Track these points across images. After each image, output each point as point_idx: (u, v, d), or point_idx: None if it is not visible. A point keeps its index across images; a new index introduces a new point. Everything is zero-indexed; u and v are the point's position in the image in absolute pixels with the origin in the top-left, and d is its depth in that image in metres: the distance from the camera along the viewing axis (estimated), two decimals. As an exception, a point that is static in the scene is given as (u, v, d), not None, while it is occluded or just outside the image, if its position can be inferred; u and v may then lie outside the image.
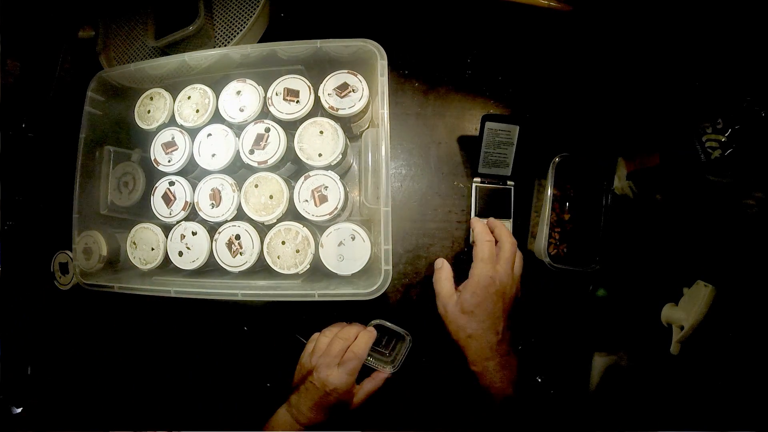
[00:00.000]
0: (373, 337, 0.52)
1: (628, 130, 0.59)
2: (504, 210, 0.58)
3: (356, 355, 0.49)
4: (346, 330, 0.52)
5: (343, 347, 0.50)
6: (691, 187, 0.52)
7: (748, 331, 0.52)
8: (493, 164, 0.57)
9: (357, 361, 0.49)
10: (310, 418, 0.49)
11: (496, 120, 0.54)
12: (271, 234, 0.47)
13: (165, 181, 0.50)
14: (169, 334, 0.63)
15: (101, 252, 0.52)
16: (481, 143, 0.55)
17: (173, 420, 0.61)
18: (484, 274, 0.48)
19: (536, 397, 0.57)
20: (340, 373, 0.48)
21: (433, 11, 0.64)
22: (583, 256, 0.56)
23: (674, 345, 0.52)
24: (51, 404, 0.64)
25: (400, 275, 0.60)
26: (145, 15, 0.61)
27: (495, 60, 0.63)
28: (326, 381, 0.48)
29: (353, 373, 0.49)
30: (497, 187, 0.59)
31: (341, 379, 0.48)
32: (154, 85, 0.54)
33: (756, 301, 0.51)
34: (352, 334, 0.51)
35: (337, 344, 0.50)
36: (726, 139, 0.46)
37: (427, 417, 0.58)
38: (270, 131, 0.48)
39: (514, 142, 0.56)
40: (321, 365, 0.49)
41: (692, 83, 0.57)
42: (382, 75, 0.45)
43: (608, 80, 0.61)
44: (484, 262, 0.49)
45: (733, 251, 0.53)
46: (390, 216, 0.43)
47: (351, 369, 0.49)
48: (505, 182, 0.59)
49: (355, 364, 0.49)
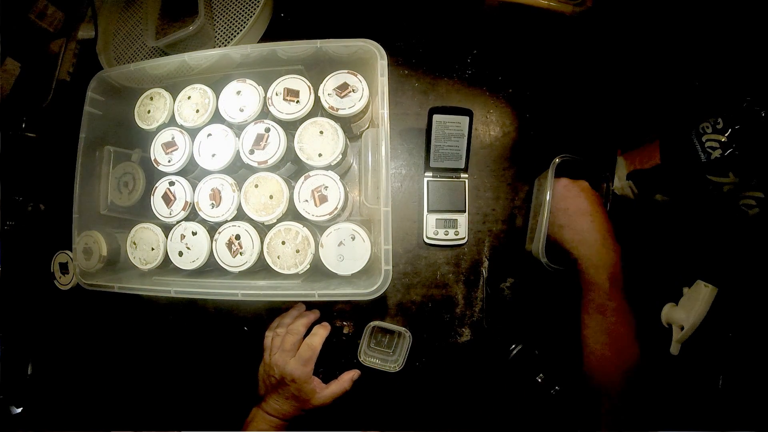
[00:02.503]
0: (327, 331, 0.55)
1: (628, 130, 0.59)
2: (458, 203, 0.58)
3: (310, 347, 0.53)
4: (296, 324, 0.54)
5: (296, 341, 0.53)
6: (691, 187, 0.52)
7: (748, 331, 0.52)
8: (445, 157, 0.57)
9: (311, 352, 0.52)
10: (276, 409, 0.52)
11: (444, 112, 0.54)
12: (271, 234, 0.47)
13: (165, 181, 0.50)
14: (169, 334, 0.63)
15: (101, 252, 0.52)
16: (430, 137, 0.55)
17: (173, 420, 0.61)
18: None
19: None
20: (296, 363, 0.51)
21: (434, 11, 0.64)
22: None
23: (674, 345, 0.52)
24: (51, 404, 0.64)
25: (400, 275, 0.60)
26: (145, 15, 0.61)
27: (495, 60, 0.63)
28: (284, 371, 0.51)
29: (308, 363, 0.52)
30: (450, 180, 0.58)
31: (296, 368, 0.51)
32: (154, 85, 0.54)
33: (756, 301, 0.51)
34: (301, 327, 0.54)
35: (289, 339, 0.53)
36: (726, 139, 0.46)
37: (427, 417, 0.59)
38: (270, 131, 0.48)
39: (465, 134, 0.55)
40: (277, 360, 0.52)
41: (692, 83, 0.57)
42: (382, 75, 0.45)
43: (608, 80, 0.61)
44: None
45: (733, 251, 0.53)
46: (390, 216, 0.43)
47: (306, 359, 0.52)
48: (458, 175, 0.59)
49: (309, 354, 0.52)
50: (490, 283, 0.59)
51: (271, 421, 0.52)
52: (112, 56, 0.66)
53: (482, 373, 0.58)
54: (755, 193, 0.49)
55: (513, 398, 0.58)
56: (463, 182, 0.59)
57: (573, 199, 0.51)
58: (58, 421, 0.64)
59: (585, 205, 0.50)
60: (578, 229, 0.49)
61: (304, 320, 0.55)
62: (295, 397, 0.52)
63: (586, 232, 0.49)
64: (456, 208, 0.58)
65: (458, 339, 0.59)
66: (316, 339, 0.53)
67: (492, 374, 0.58)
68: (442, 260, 0.60)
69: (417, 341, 0.57)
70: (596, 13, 0.59)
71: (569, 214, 0.50)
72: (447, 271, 0.59)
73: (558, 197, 0.52)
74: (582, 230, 0.49)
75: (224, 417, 0.60)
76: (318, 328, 0.55)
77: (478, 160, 0.61)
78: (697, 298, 0.50)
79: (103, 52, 0.66)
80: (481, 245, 0.60)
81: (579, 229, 0.49)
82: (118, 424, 0.62)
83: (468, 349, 0.59)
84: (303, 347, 0.53)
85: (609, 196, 0.55)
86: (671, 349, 0.52)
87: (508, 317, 0.58)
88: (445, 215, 0.58)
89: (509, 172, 0.61)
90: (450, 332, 0.59)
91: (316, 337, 0.53)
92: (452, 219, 0.58)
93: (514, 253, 0.59)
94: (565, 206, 0.51)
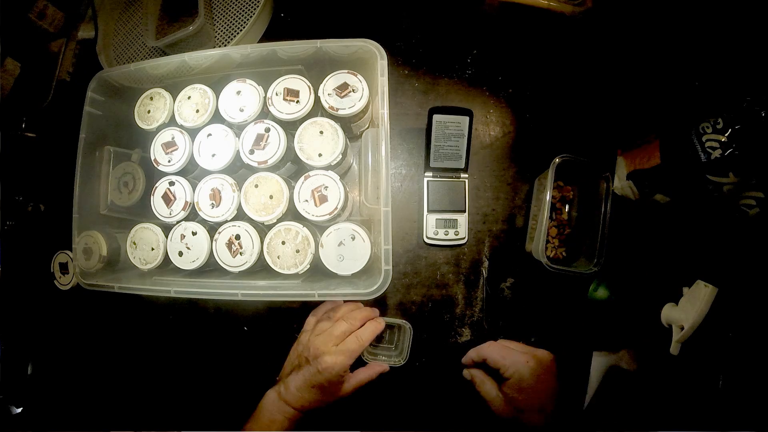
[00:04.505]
0: (380, 328, 0.50)
1: (628, 130, 0.59)
2: (458, 203, 0.58)
3: (359, 339, 0.47)
4: (355, 313, 0.50)
5: (347, 330, 0.48)
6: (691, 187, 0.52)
7: (748, 331, 0.52)
8: (445, 157, 0.57)
9: (358, 345, 0.47)
10: (297, 397, 0.46)
11: (444, 112, 0.54)
12: (271, 234, 0.47)
13: (165, 181, 0.50)
14: (169, 334, 0.63)
15: (101, 252, 0.52)
16: (430, 137, 0.55)
17: (173, 420, 0.61)
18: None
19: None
20: (338, 353, 0.46)
21: (434, 11, 0.64)
22: (583, 258, 0.56)
23: (674, 345, 0.52)
24: (51, 404, 0.64)
25: (400, 275, 0.60)
26: (145, 15, 0.61)
27: (495, 60, 0.63)
28: (321, 359, 0.45)
29: (352, 357, 0.47)
30: (450, 180, 0.58)
31: (337, 359, 0.45)
32: (154, 85, 0.54)
33: (756, 301, 0.51)
34: (359, 319, 0.49)
35: (342, 326, 0.48)
36: (726, 139, 0.46)
37: (427, 417, 0.58)
38: (270, 131, 0.48)
39: (465, 134, 0.55)
40: (319, 343, 0.47)
41: (692, 83, 0.57)
42: (382, 75, 0.45)
43: (608, 80, 0.61)
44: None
45: (733, 251, 0.53)
46: (390, 216, 0.43)
47: (350, 351, 0.46)
48: (458, 175, 0.59)
49: (355, 347, 0.47)
50: (490, 283, 0.59)
51: (288, 412, 0.47)
52: (112, 56, 0.66)
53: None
54: (755, 193, 0.49)
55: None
56: (463, 182, 0.59)
57: (548, 398, 0.45)
58: (58, 421, 0.64)
59: (550, 403, 0.45)
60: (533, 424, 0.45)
61: (364, 313, 0.50)
62: (323, 388, 0.46)
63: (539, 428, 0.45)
64: (456, 208, 0.58)
65: (458, 339, 0.59)
66: (366, 333, 0.48)
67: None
68: (442, 260, 0.60)
69: (417, 341, 0.57)
70: (596, 13, 0.59)
71: (533, 410, 0.45)
72: (447, 271, 0.59)
73: (536, 387, 0.45)
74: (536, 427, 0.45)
75: (224, 417, 0.60)
76: (371, 323, 0.49)
77: (478, 160, 0.61)
78: (697, 298, 0.50)
79: (103, 52, 0.66)
80: (481, 245, 0.60)
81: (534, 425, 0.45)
82: (118, 424, 0.62)
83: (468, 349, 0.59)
84: (351, 338, 0.47)
85: (609, 196, 0.55)
86: (671, 349, 0.52)
87: (508, 317, 0.58)
88: (445, 215, 0.58)
89: (509, 172, 0.61)
90: (450, 332, 0.59)
91: (367, 331, 0.48)
92: (452, 219, 0.58)
93: (514, 253, 0.59)
94: (540, 405, 0.45)
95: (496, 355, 0.47)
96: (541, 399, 0.45)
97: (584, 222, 0.57)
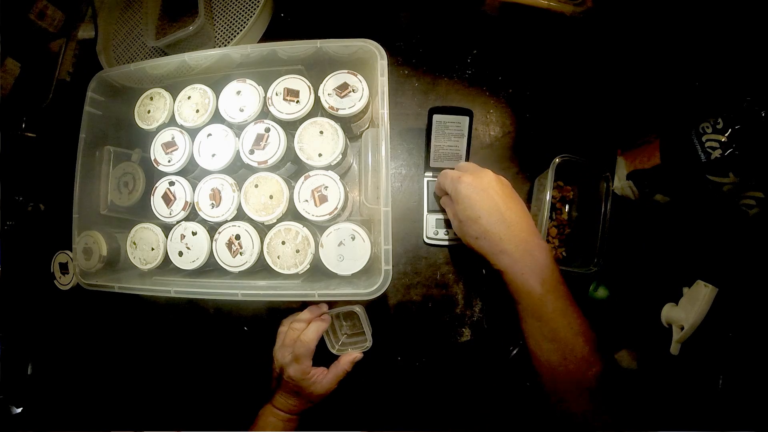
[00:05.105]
0: (324, 325, 0.52)
1: (628, 130, 0.59)
2: None
3: (303, 342, 0.50)
4: (297, 320, 0.52)
5: (295, 336, 0.51)
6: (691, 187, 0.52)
7: (748, 331, 0.52)
8: (445, 157, 0.57)
9: (305, 348, 0.50)
10: (282, 403, 0.51)
11: (444, 112, 0.53)
12: (271, 234, 0.47)
13: (165, 181, 0.50)
14: (169, 334, 0.63)
15: (101, 252, 0.52)
16: (430, 137, 0.55)
17: (173, 420, 0.61)
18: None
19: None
20: (290, 360, 0.50)
21: (434, 11, 0.64)
22: (583, 257, 0.56)
23: (674, 345, 0.52)
24: (51, 404, 0.64)
25: (400, 275, 0.60)
26: (145, 15, 0.61)
27: (495, 60, 0.63)
28: (284, 369, 0.50)
29: (302, 360, 0.50)
30: None
31: (290, 366, 0.50)
32: (154, 85, 0.54)
33: (756, 301, 0.51)
34: (304, 321, 0.52)
35: (291, 334, 0.51)
36: (726, 139, 0.46)
37: (427, 417, 0.59)
38: (270, 131, 0.48)
39: (465, 134, 0.54)
40: (278, 355, 0.52)
41: (692, 83, 0.57)
42: (382, 75, 0.45)
43: (608, 80, 0.61)
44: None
45: (733, 251, 0.53)
46: (390, 216, 0.43)
47: (298, 355, 0.50)
48: None
49: (303, 351, 0.50)
50: (490, 283, 0.59)
51: (278, 414, 0.51)
52: (112, 56, 0.66)
53: (482, 373, 0.58)
54: (755, 193, 0.49)
55: (513, 398, 0.58)
56: None
57: (481, 202, 0.44)
58: (58, 421, 0.64)
59: (495, 207, 0.44)
60: (494, 239, 0.43)
61: (307, 315, 0.52)
62: (297, 393, 0.51)
63: (504, 241, 0.42)
64: None
65: (458, 339, 0.59)
66: (308, 334, 0.51)
67: (492, 374, 0.58)
68: (442, 260, 0.60)
69: (417, 341, 0.57)
70: (596, 13, 0.59)
71: (481, 224, 0.43)
72: (447, 271, 0.59)
73: (464, 202, 0.45)
74: (499, 239, 0.43)
75: (224, 417, 0.60)
76: (313, 323, 0.52)
77: (478, 160, 0.60)
78: (697, 298, 0.50)
79: (103, 52, 0.66)
80: (481, 245, 0.60)
81: (495, 239, 0.43)
82: (118, 424, 0.62)
83: (468, 349, 0.59)
84: (297, 344, 0.50)
85: (609, 196, 0.55)
86: (671, 349, 0.52)
87: (508, 317, 0.58)
88: (445, 215, 0.58)
89: (509, 172, 0.61)
90: (450, 332, 0.59)
91: (308, 333, 0.51)
92: (452, 219, 0.58)
93: (514, 253, 0.59)
94: (475, 215, 0.44)
95: (440, 178, 0.50)
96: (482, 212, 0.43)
97: (584, 222, 0.57)
